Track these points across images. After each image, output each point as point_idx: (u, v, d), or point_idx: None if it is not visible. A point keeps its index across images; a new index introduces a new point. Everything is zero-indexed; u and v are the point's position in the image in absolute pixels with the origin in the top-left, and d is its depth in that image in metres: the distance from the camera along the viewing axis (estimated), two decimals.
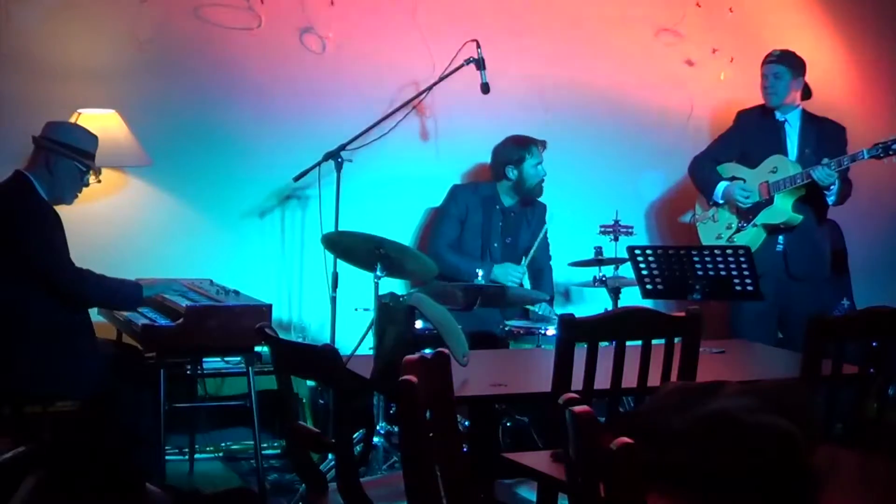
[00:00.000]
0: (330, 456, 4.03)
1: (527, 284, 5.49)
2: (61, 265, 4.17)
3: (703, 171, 5.61)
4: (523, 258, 5.50)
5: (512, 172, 5.48)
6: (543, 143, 5.49)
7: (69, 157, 4.26)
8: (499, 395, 3.60)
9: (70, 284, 4.18)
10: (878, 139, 5.12)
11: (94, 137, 4.38)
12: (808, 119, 5.50)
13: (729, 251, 4.44)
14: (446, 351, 2.71)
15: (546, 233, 5.53)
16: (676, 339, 3.33)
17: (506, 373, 3.97)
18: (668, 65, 6.20)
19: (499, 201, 5.53)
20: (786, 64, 5.40)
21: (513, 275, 5.35)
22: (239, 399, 4.85)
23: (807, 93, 5.49)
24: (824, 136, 5.43)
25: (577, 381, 3.18)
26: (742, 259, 4.42)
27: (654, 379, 3.24)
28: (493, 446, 3.93)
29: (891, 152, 5.00)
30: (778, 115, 5.47)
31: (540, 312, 5.24)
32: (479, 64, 5.32)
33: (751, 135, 5.53)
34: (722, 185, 5.48)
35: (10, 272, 4.12)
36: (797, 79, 5.42)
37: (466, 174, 5.86)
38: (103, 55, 5.27)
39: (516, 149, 5.46)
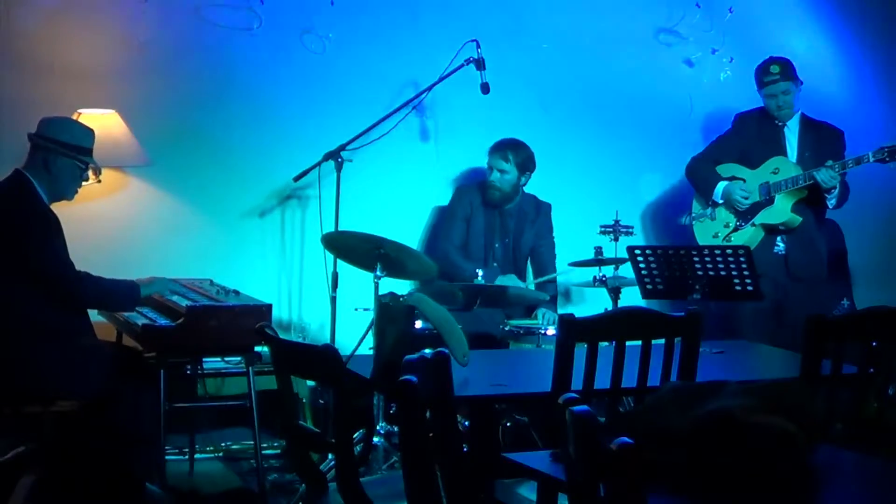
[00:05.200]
0: (330, 456, 4.03)
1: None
2: (61, 268, 4.16)
3: (701, 171, 5.60)
4: (528, 263, 5.51)
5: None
6: (503, 153, 5.44)
7: (68, 155, 4.24)
8: (499, 395, 3.60)
9: (69, 288, 4.17)
10: (875, 141, 5.11)
11: (91, 131, 4.36)
12: (807, 123, 5.49)
13: (729, 251, 4.43)
14: (446, 351, 2.71)
15: (552, 235, 5.56)
16: (676, 339, 3.33)
17: (506, 373, 3.97)
18: (668, 65, 6.20)
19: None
20: (788, 77, 5.37)
21: None
22: (239, 399, 4.84)
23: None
24: (823, 140, 5.42)
25: (577, 381, 3.18)
26: (742, 259, 4.41)
27: (654, 379, 3.25)
28: (493, 446, 3.92)
29: None
30: (777, 120, 5.46)
31: (542, 322, 5.23)
32: (479, 64, 5.32)
33: (750, 138, 5.52)
34: (721, 185, 5.47)
35: (9, 273, 4.12)
36: (798, 84, 5.41)
37: (466, 174, 5.86)
38: (103, 55, 5.27)
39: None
